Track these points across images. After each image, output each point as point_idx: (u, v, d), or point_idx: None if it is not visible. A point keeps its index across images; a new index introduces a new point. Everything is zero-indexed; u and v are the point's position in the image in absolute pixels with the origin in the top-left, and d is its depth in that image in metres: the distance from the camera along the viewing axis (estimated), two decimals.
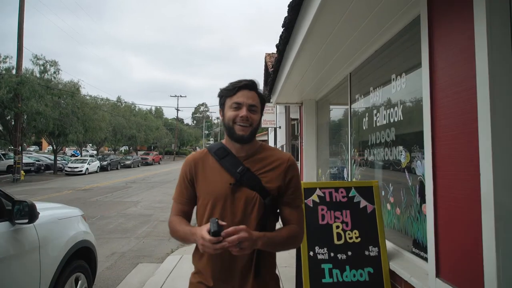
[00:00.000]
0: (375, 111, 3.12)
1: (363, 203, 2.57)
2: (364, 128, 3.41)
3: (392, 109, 2.77)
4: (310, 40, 2.95)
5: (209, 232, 1.24)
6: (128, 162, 37.03)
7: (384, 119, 2.91)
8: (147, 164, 42.09)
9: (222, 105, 1.52)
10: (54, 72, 25.22)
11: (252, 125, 1.45)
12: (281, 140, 18.73)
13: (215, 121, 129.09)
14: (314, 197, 2.57)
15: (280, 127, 18.47)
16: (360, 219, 2.54)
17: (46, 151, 56.65)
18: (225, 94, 1.48)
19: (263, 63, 24.88)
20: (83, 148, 46.21)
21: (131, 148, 50.20)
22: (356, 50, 3.38)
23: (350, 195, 2.59)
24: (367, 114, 3.36)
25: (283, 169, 1.49)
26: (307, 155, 5.77)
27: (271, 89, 6.19)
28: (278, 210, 1.52)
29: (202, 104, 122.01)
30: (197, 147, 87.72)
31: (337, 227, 2.51)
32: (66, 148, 46.47)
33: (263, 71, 25.73)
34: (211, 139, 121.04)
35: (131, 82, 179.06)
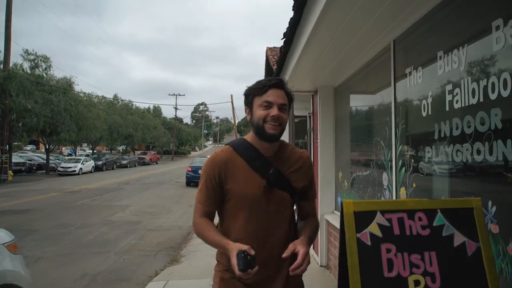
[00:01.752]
0: (449, 87, 2.03)
1: (459, 238, 1.47)
2: (423, 114, 2.32)
3: (493, 79, 1.67)
4: None
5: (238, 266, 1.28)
6: (124, 162, 35.91)
7: (473, 97, 1.81)
8: (144, 164, 40.94)
9: (250, 103, 1.49)
10: (46, 68, 24.12)
11: (282, 125, 1.46)
12: (285, 138, 17.45)
13: (215, 121, 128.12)
14: (373, 228, 1.46)
15: None
16: (455, 268, 1.44)
17: (43, 150, 55.44)
18: (254, 92, 1.47)
19: (264, 62, 23.87)
20: (80, 147, 45.35)
21: (127, 147, 48.97)
22: (409, 2, 2.28)
23: (435, 224, 1.48)
24: (430, 94, 2.26)
25: (306, 168, 1.57)
26: (324, 155, 4.68)
27: (277, 75, 5.10)
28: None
29: (202, 104, 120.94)
30: (196, 147, 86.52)
31: (417, 283, 1.41)
32: (63, 148, 45.38)
33: (263, 71, 24.74)
34: (211, 138, 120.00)
35: (130, 81, 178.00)
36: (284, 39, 3.47)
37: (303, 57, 3.45)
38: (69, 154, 41.19)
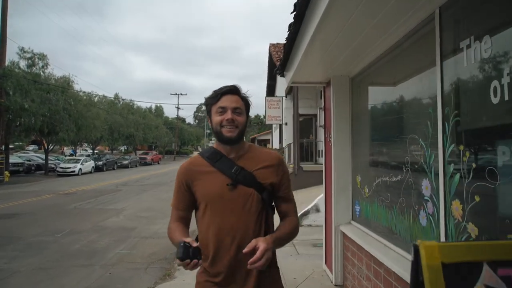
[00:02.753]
0: None
1: None
2: (493, 101, 1.66)
3: None
4: None
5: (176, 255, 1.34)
6: (125, 162, 35.36)
7: None
8: (145, 164, 40.41)
9: (208, 112, 1.61)
10: (43, 66, 23.57)
11: (238, 127, 1.54)
12: (288, 138, 16.87)
13: None
14: None
15: (286, 124, 16.69)
16: None
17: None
18: (210, 102, 1.58)
19: (266, 61, 23.27)
20: (82, 148, 44.85)
21: (129, 147, 48.45)
22: None
23: None
24: (508, 71, 1.60)
25: (274, 166, 1.61)
26: (338, 156, 4.02)
27: (284, 64, 4.44)
28: (273, 204, 1.64)
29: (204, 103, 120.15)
30: (198, 147, 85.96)
31: None
32: (65, 148, 44.89)
33: (265, 71, 24.21)
34: (213, 138, 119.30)
35: (133, 82, 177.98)
36: (294, 12, 2.80)
37: (318, 36, 2.78)
38: (71, 154, 40.72)
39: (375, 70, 3.44)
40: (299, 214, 7.82)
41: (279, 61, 13.24)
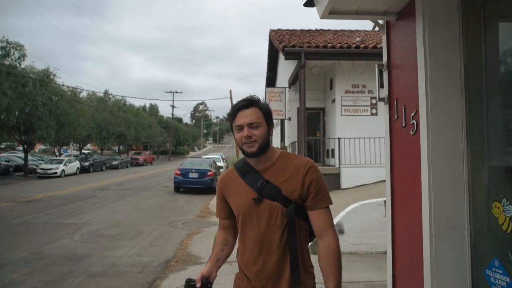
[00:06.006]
0: None
1: None
2: None
3: None
4: None
5: None
6: (115, 163, 33.07)
7: None
8: (137, 164, 38.16)
9: (231, 129, 1.62)
10: (19, 58, 21.24)
11: (258, 141, 1.52)
12: (292, 135, 14.59)
13: (214, 120, 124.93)
14: None
15: (290, 119, 14.49)
16: None
17: (37, 150, 52.53)
18: (230, 119, 1.60)
19: (265, 61, 21.06)
20: (74, 148, 42.31)
21: (120, 147, 46.12)
22: None
23: None
24: None
25: (301, 175, 1.53)
26: (438, 154, 1.87)
27: None
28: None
29: (201, 103, 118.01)
30: (195, 147, 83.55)
31: None
32: (56, 148, 42.23)
33: (264, 69, 21.95)
34: (210, 138, 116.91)
35: (130, 81, 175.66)
36: None
37: None
38: (61, 154, 38.23)
39: None
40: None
41: (282, 43, 10.66)
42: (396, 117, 2.28)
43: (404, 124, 2.16)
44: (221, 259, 1.64)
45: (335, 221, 5.64)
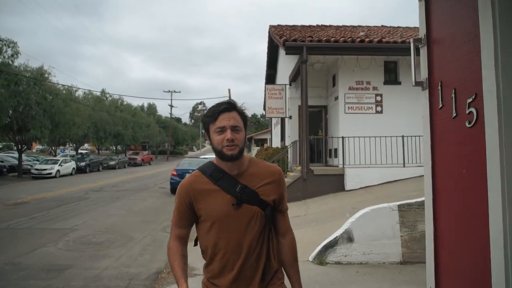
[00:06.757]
0: None
1: None
2: None
3: None
4: None
5: None
6: (112, 163, 32.48)
7: None
8: (135, 165, 37.60)
9: (206, 130, 1.58)
10: (12, 55, 20.64)
11: (239, 145, 1.52)
12: (293, 135, 13.97)
13: None
14: None
15: (291, 117, 13.92)
16: None
17: (34, 150, 51.83)
18: (208, 120, 1.55)
19: (264, 60, 20.41)
20: (71, 148, 41.59)
21: (120, 147, 45.50)
22: None
23: None
24: None
25: (276, 182, 1.61)
26: None
27: None
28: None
29: (200, 103, 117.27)
30: (193, 146, 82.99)
31: None
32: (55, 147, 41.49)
33: (264, 69, 21.35)
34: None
35: (129, 81, 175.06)
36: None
37: None
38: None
39: None
40: (322, 245, 5.11)
41: (282, 37, 10.06)
42: (440, 105, 1.74)
43: (454, 115, 1.62)
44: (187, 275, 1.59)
45: (344, 227, 5.12)
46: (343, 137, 10.12)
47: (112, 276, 4.77)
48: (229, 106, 1.53)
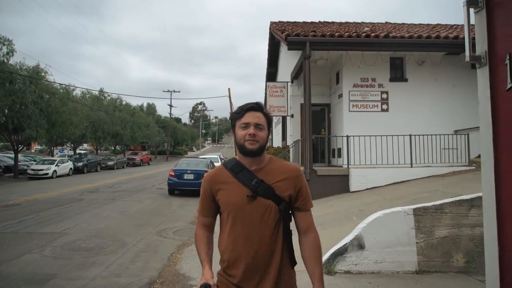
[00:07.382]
0: None
1: None
2: None
3: None
4: None
5: None
6: (110, 163, 32.07)
7: None
8: (134, 165, 37.20)
9: (233, 126, 1.71)
10: (7, 53, 20.18)
11: (260, 141, 1.63)
12: (294, 134, 13.50)
13: (213, 120, 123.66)
14: None
15: (292, 116, 13.46)
16: None
17: (33, 150, 51.34)
18: (235, 117, 1.69)
19: (265, 58, 19.99)
20: (69, 148, 41.07)
21: (117, 147, 45.02)
22: None
23: None
24: None
25: (292, 179, 1.67)
26: None
27: None
28: (290, 212, 1.69)
29: (200, 103, 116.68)
30: (193, 147, 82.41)
31: None
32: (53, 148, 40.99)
33: (264, 69, 20.93)
34: (209, 138, 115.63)
35: (129, 81, 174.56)
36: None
37: None
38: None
39: None
40: (330, 252, 4.66)
41: (284, 32, 9.56)
42: (509, 85, 1.31)
43: None
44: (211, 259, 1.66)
45: (354, 233, 4.67)
46: (347, 136, 9.66)
47: (100, 287, 4.33)
48: (256, 106, 1.67)
